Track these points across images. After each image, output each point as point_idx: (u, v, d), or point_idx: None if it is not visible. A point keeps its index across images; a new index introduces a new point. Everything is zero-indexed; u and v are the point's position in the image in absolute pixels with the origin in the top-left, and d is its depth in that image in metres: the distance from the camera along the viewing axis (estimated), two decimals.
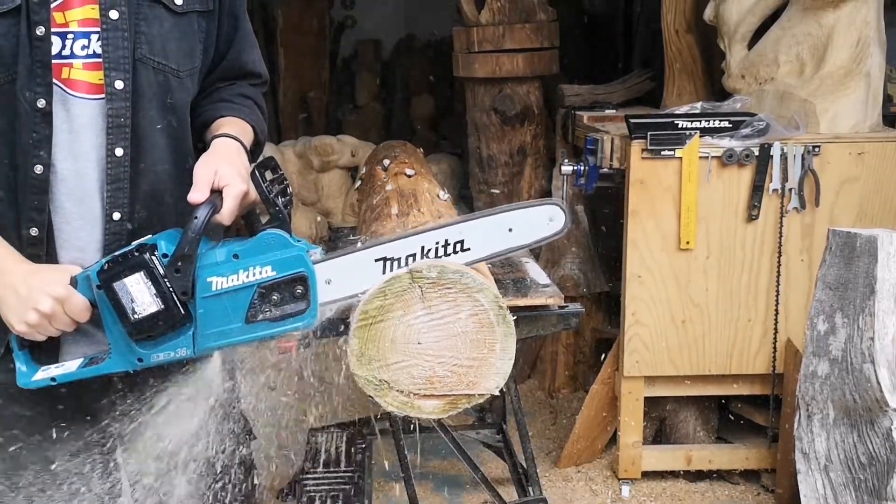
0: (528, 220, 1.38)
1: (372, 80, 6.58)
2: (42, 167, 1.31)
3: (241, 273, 1.28)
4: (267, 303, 1.29)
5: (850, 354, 2.18)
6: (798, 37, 2.90)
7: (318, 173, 4.98)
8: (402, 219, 1.72)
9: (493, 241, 1.36)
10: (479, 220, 1.36)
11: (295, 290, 1.29)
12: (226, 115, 1.52)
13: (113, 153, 1.35)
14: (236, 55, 1.56)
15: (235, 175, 1.35)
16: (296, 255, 1.29)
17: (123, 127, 1.35)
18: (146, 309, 1.27)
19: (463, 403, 1.32)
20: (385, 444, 2.99)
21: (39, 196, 1.33)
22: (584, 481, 3.08)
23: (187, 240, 1.27)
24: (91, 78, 1.34)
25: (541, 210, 1.38)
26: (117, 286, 1.27)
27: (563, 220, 1.38)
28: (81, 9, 1.32)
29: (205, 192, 1.32)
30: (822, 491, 2.27)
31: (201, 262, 1.28)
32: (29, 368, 1.35)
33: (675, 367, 2.90)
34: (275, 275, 1.28)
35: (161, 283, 1.27)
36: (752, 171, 2.75)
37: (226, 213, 1.32)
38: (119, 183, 1.36)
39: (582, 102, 3.81)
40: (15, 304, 1.29)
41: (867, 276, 2.14)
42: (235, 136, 1.46)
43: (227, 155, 1.40)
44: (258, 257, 1.29)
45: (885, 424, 2.12)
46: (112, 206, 1.37)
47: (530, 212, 1.39)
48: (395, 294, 1.29)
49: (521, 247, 1.39)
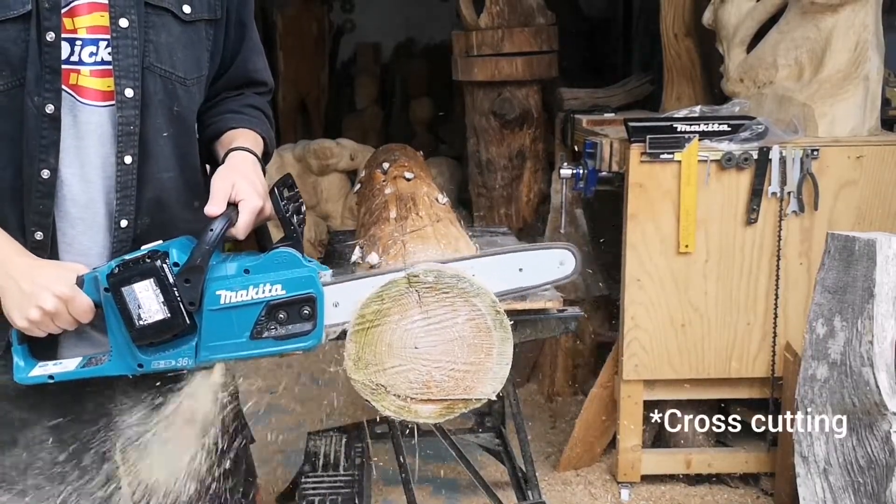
0: (539, 262, 1.40)
1: (371, 83, 6.59)
2: (49, 172, 1.32)
3: (251, 289, 1.28)
4: (273, 321, 1.28)
5: (848, 358, 2.18)
6: (797, 41, 2.91)
7: (317, 177, 4.99)
8: (400, 222, 1.72)
9: (503, 279, 1.38)
10: (490, 258, 1.37)
11: (302, 311, 1.28)
12: (236, 126, 1.53)
13: (122, 161, 1.36)
14: (243, 63, 1.57)
15: (252, 190, 1.36)
16: (307, 275, 1.29)
17: (133, 135, 1.35)
18: (152, 316, 1.27)
19: (460, 408, 1.32)
20: (384, 448, 2.99)
21: (45, 200, 1.33)
22: (584, 485, 3.08)
23: (200, 251, 1.27)
24: (100, 85, 1.34)
25: (552, 253, 1.41)
26: (125, 291, 1.27)
27: (574, 265, 1.40)
28: (90, 16, 1.33)
29: (221, 205, 1.32)
30: (822, 494, 2.27)
31: (211, 274, 1.28)
32: (27, 364, 1.35)
33: (674, 370, 2.90)
34: (284, 294, 1.28)
35: (170, 291, 1.26)
36: (750, 174, 2.75)
37: (240, 228, 1.33)
38: (127, 190, 1.37)
39: (581, 106, 3.82)
40: (18, 299, 1.29)
41: (866, 279, 2.14)
42: (251, 149, 1.47)
43: (244, 169, 1.41)
44: (269, 274, 1.28)
45: (884, 428, 2.12)
46: (120, 213, 1.37)
47: (541, 254, 1.42)
48: (392, 298, 1.29)
49: (529, 287, 1.41)
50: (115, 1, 1.33)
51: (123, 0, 1.33)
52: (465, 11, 3.84)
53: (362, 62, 6.64)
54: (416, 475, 2.40)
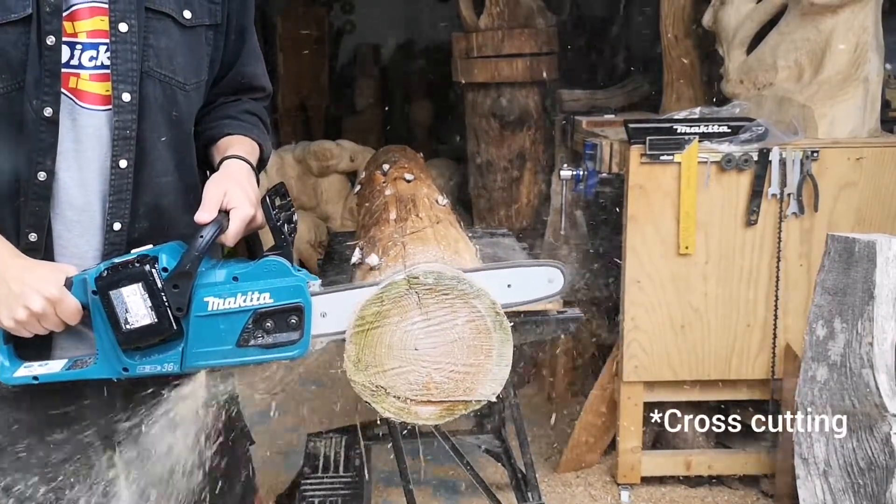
0: (528, 279, 1.40)
1: (371, 85, 6.59)
2: (45, 174, 1.32)
3: (239, 296, 1.28)
4: (260, 329, 1.28)
5: (848, 359, 2.18)
6: (796, 42, 2.91)
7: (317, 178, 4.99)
8: (400, 224, 1.72)
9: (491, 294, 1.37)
10: (478, 273, 1.36)
11: (290, 320, 1.28)
12: (232, 132, 1.53)
13: (117, 164, 1.36)
14: (242, 69, 1.57)
15: (244, 198, 1.36)
16: (295, 284, 1.28)
17: (129, 139, 1.35)
18: (139, 320, 1.27)
19: (460, 410, 1.32)
20: (384, 449, 2.99)
21: (40, 203, 1.33)
22: (584, 487, 3.08)
23: (190, 257, 1.27)
24: (98, 89, 1.35)
25: (541, 270, 1.41)
26: (113, 294, 1.27)
27: (562, 282, 1.40)
28: (91, 20, 1.33)
29: (213, 212, 1.33)
30: (822, 496, 2.27)
31: (200, 281, 1.28)
32: (11, 364, 1.34)
33: (674, 372, 2.90)
34: (272, 302, 1.28)
35: (158, 296, 1.26)
36: (750, 175, 2.76)
37: (230, 235, 1.33)
38: (121, 194, 1.37)
39: (581, 107, 3.82)
40: (6, 299, 1.28)
41: (866, 281, 2.14)
42: (245, 157, 1.47)
43: (238, 177, 1.41)
44: (257, 282, 1.28)
45: (885, 429, 2.12)
46: (113, 216, 1.37)
47: (531, 271, 1.41)
48: (391, 300, 1.28)
49: (517, 304, 1.40)
50: (116, 5, 1.33)
51: (124, 4, 1.33)
52: (466, 13, 3.84)
53: (362, 63, 6.64)
54: (416, 477, 2.40)
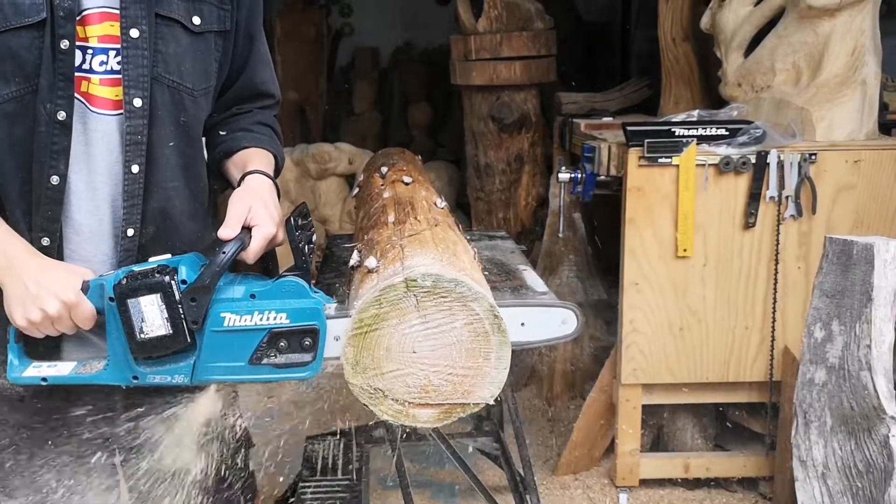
0: (541, 320, 1.41)
1: (369, 87, 6.59)
2: (58, 178, 1.33)
3: (256, 315, 1.28)
4: (273, 348, 1.29)
5: (847, 362, 2.18)
6: (794, 45, 2.91)
7: (316, 181, 4.99)
8: (398, 226, 1.72)
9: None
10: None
11: (304, 342, 1.29)
12: (248, 146, 1.54)
13: (129, 170, 1.36)
14: (251, 75, 1.58)
15: (267, 217, 1.37)
16: (312, 307, 1.29)
17: (140, 144, 1.36)
18: (154, 331, 1.27)
19: (458, 412, 1.32)
20: (382, 452, 2.98)
21: (53, 206, 1.34)
22: (582, 489, 3.07)
23: (210, 272, 1.27)
24: (109, 94, 1.35)
25: (555, 312, 1.42)
26: (131, 303, 1.27)
27: (576, 324, 1.41)
28: (101, 25, 1.34)
29: (236, 228, 1.34)
30: (820, 499, 2.27)
31: (218, 296, 1.28)
32: (21, 363, 1.34)
33: (672, 374, 2.90)
34: (288, 323, 1.28)
35: (175, 308, 1.26)
36: (748, 178, 2.76)
37: (251, 252, 1.35)
38: (134, 199, 1.38)
39: (579, 110, 3.82)
40: (21, 298, 1.29)
41: (864, 283, 2.14)
42: (266, 172, 1.48)
43: (262, 194, 1.42)
44: (275, 301, 1.29)
45: (883, 432, 2.12)
46: (127, 222, 1.38)
47: (545, 311, 1.43)
48: (390, 302, 1.28)
49: (528, 343, 1.41)
50: (127, 11, 1.34)
51: (134, 11, 1.34)
52: (464, 16, 3.85)
53: (361, 66, 6.64)
54: (414, 479, 2.40)
